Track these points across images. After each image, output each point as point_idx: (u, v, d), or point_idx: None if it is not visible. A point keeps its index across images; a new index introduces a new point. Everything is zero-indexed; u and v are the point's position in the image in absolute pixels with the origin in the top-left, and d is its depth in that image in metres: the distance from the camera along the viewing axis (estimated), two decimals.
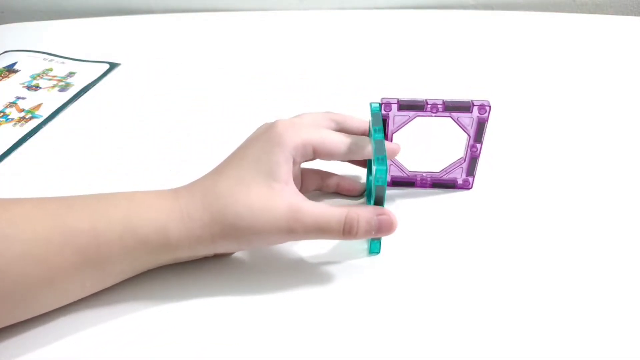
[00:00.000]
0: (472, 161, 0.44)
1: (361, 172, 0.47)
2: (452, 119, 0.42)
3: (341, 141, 0.38)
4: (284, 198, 0.34)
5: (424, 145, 0.48)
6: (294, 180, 0.37)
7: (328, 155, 0.38)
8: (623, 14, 0.81)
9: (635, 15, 0.82)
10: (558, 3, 0.84)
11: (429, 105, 0.41)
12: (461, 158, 0.45)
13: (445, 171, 0.45)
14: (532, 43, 0.72)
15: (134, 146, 0.53)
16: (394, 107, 0.41)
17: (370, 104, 0.41)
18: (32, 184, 0.48)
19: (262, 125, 0.40)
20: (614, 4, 0.84)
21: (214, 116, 0.57)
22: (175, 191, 0.36)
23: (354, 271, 0.39)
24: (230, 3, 0.85)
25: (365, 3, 0.84)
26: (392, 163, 0.45)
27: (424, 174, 0.46)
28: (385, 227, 0.36)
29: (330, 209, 0.35)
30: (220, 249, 0.36)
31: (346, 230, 0.34)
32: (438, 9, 0.82)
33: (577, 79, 0.63)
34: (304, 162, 0.39)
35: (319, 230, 0.34)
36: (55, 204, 0.33)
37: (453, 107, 0.41)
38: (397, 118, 0.42)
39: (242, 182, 0.34)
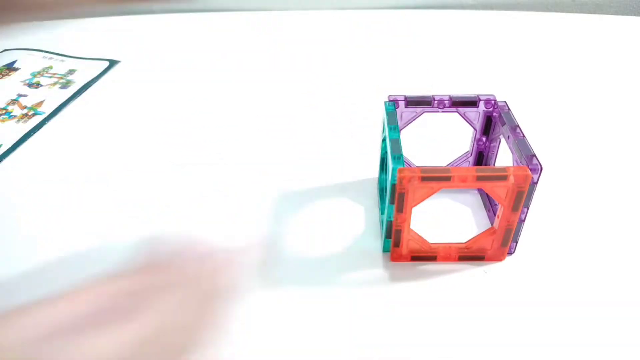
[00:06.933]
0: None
1: (372, 174, 0.47)
2: (459, 113, 0.42)
3: None
4: None
5: (429, 140, 0.48)
6: None
7: None
8: (623, 14, 0.81)
9: (635, 15, 0.82)
10: (558, 3, 0.84)
11: (436, 101, 0.41)
12: (468, 152, 0.45)
13: (452, 165, 0.45)
14: (533, 43, 0.73)
15: (136, 141, 0.53)
16: (402, 103, 0.41)
17: (385, 103, 0.41)
18: (37, 179, 0.48)
19: None
20: (613, 4, 0.84)
21: (214, 113, 0.57)
22: None
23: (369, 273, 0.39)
24: (228, 3, 0.85)
25: (364, 3, 0.84)
26: None
27: None
28: None
29: None
30: None
31: None
32: (438, 9, 0.83)
33: (577, 79, 0.64)
34: None
35: None
36: None
37: (460, 102, 0.41)
38: (404, 114, 0.42)
39: None
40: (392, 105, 0.41)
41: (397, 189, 0.34)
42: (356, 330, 0.34)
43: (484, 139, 0.43)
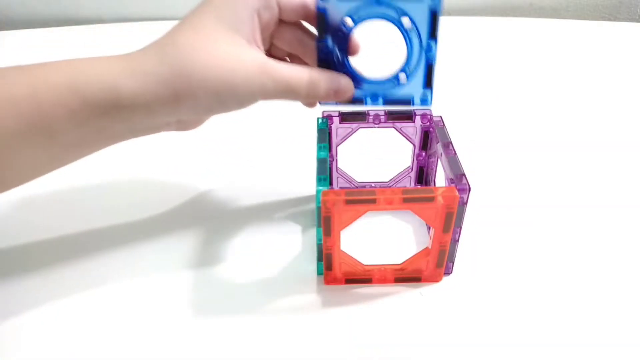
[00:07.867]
0: (419, 174, 0.43)
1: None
2: (395, 128, 0.40)
3: None
4: (252, 52, 0.32)
5: (369, 157, 0.47)
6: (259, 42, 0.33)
7: (298, 7, 0.34)
8: (580, 18, 0.81)
9: (592, 19, 0.82)
10: (515, 7, 0.84)
11: (371, 117, 0.40)
12: (409, 167, 0.44)
13: (394, 180, 0.44)
14: (490, 48, 0.72)
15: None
16: (336, 119, 0.40)
17: (317, 119, 0.40)
18: None
19: None
20: (570, 8, 0.84)
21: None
22: (127, 54, 0.32)
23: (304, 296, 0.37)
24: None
25: None
26: (340, 175, 0.44)
27: (373, 184, 0.44)
28: (343, 89, 0.34)
29: (297, 67, 0.33)
30: (184, 110, 0.31)
31: (311, 90, 0.33)
32: None
33: (535, 84, 0.63)
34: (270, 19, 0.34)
35: (288, 87, 0.32)
36: None
37: (395, 117, 0.40)
38: (340, 130, 0.41)
39: (204, 33, 0.31)
40: (324, 121, 0.39)
41: (323, 212, 0.32)
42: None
43: (423, 154, 0.42)
